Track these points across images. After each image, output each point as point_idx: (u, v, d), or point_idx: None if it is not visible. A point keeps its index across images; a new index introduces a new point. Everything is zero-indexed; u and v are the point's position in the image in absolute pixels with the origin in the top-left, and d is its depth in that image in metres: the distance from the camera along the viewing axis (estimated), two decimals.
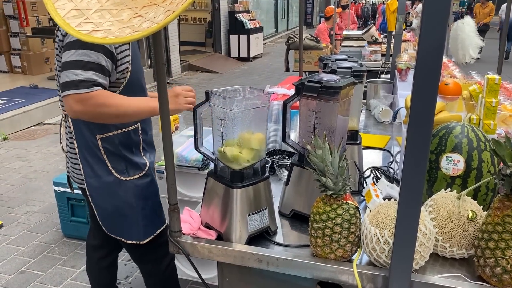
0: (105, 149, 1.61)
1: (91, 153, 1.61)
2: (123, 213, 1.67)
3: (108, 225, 1.70)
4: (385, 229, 1.09)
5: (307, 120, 1.32)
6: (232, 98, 1.19)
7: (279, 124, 2.01)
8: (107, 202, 1.66)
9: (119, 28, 0.83)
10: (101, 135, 1.59)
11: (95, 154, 1.61)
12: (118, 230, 1.71)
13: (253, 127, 1.24)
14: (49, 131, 5.63)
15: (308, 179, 1.35)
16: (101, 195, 1.65)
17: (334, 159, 1.13)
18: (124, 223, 1.69)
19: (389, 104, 2.66)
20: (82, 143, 1.62)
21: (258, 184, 1.26)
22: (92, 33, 0.82)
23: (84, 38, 0.80)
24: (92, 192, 1.65)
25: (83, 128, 1.60)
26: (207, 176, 1.33)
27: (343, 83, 1.28)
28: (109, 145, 1.61)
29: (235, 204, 1.23)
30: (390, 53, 4.01)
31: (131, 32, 0.81)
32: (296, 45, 5.96)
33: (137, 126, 1.67)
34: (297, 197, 1.39)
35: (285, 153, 1.92)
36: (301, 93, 1.30)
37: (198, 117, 1.28)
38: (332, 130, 1.30)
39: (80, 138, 1.62)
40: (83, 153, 1.63)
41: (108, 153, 1.61)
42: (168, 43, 8.67)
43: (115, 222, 1.69)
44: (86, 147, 1.61)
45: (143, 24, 0.82)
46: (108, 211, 1.67)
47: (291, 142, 1.38)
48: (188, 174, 2.34)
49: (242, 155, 1.23)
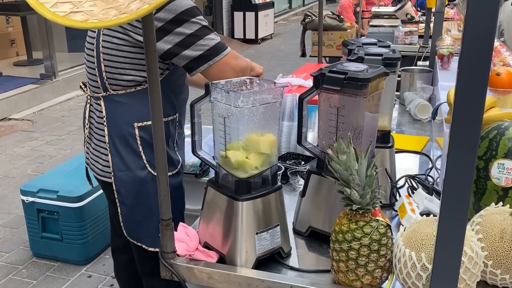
0: (142, 140, 1.69)
1: (124, 142, 1.69)
2: (151, 213, 1.74)
3: (131, 226, 1.77)
4: (422, 252, 1.09)
5: (328, 118, 1.33)
6: (237, 92, 1.20)
7: (293, 123, 2.02)
8: (136, 199, 1.73)
9: (103, 9, 0.84)
10: (140, 123, 1.67)
11: (129, 145, 1.69)
12: (140, 233, 1.78)
13: (263, 127, 1.25)
14: (15, 128, 5.70)
15: (329, 190, 1.35)
16: (130, 192, 1.72)
17: (361, 166, 1.13)
18: (150, 226, 1.76)
19: (427, 98, 2.66)
20: (115, 130, 1.69)
21: (268, 196, 1.27)
22: (71, 15, 0.84)
23: (61, 21, 0.82)
24: (119, 187, 1.72)
25: (119, 114, 1.68)
26: (206, 185, 1.34)
27: (372, 73, 1.28)
28: (147, 135, 1.69)
29: (240, 220, 1.24)
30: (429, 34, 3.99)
31: (117, 14, 0.82)
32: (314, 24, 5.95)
33: (175, 117, 1.77)
34: (315, 211, 1.39)
35: (301, 158, 1.93)
36: (321, 85, 1.31)
37: (196, 114, 1.29)
38: (359, 130, 1.30)
39: (113, 125, 1.70)
40: (114, 143, 1.70)
41: (144, 144, 1.69)
42: None
43: (138, 223, 1.77)
44: (119, 135, 1.69)
45: (131, 5, 0.83)
46: (134, 210, 1.74)
47: (308, 145, 1.39)
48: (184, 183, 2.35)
49: (249, 160, 1.24)
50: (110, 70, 1.64)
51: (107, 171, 1.74)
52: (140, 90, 1.66)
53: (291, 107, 2.07)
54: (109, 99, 1.68)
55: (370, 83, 1.26)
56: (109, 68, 1.64)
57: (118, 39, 1.61)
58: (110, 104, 1.68)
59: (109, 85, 1.66)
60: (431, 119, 2.45)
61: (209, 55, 1.61)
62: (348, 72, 1.27)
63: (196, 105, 1.28)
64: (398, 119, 2.55)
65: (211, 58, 1.61)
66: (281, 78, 2.61)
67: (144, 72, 1.63)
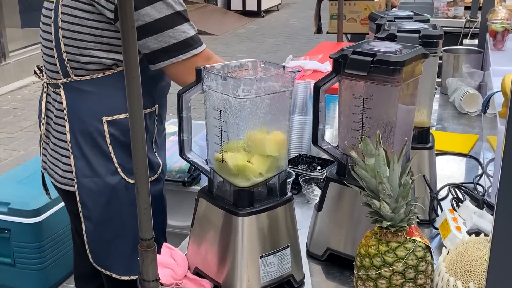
0: (112, 138, 1.69)
1: (90, 141, 1.69)
2: (124, 231, 1.74)
3: (98, 249, 1.77)
4: (470, 281, 1.09)
5: (352, 111, 1.33)
6: (236, 79, 1.20)
7: (307, 117, 2.02)
8: (105, 213, 1.73)
9: None
10: (109, 117, 1.67)
11: (96, 144, 1.69)
12: (110, 258, 1.77)
13: (269, 123, 1.25)
14: None
15: (352, 202, 1.35)
16: (98, 203, 1.72)
17: (393, 173, 1.13)
18: (122, 248, 1.75)
19: (476, 86, 2.66)
20: (78, 126, 1.69)
21: (276, 210, 1.28)
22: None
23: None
24: (84, 198, 1.72)
25: (83, 106, 1.68)
26: (197, 196, 1.34)
27: (407, 55, 1.28)
28: (118, 131, 1.68)
29: (240, 240, 1.24)
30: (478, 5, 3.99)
31: None
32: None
33: (154, 109, 1.77)
34: (335, 230, 1.39)
35: (317, 162, 1.93)
36: (342, 70, 1.31)
37: (185, 106, 1.29)
38: (390, 127, 1.30)
39: (75, 120, 1.69)
40: (77, 142, 1.69)
41: (115, 143, 1.69)
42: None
43: (108, 245, 1.76)
44: (83, 133, 1.69)
45: None
46: (103, 227, 1.74)
47: (326, 146, 1.39)
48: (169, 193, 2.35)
49: (252, 165, 1.24)
50: (72, 51, 1.64)
51: (68, 177, 1.74)
52: (109, 75, 1.66)
53: (304, 98, 2.07)
54: (71, 87, 1.68)
55: (404, 67, 1.26)
56: (71, 48, 1.64)
57: (81, 11, 1.61)
58: (71, 93, 1.68)
59: (71, 69, 1.66)
60: (481, 112, 2.44)
61: (174, 50, 1.61)
62: (377, 54, 1.27)
63: (184, 95, 1.28)
64: (440, 112, 2.55)
65: (175, 54, 1.62)
66: (291, 61, 2.62)
67: (114, 54, 1.63)
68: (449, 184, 1.66)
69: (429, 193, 1.58)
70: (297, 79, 2.28)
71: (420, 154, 1.58)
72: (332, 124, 2.05)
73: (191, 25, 1.65)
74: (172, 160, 2.41)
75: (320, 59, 2.66)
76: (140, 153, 1.17)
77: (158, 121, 1.82)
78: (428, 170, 1.60)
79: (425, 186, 1.57)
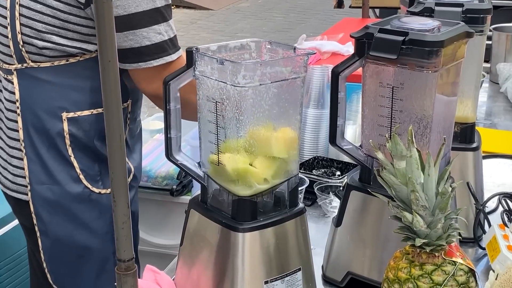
0: (72, 138, 1.69)
1: (47, 142, 1.69)
2: (89, 252, 1.75)
3: (58, 270, 1.77)
4: None
5: (378, 103, 1.33)
6: (236, 63, 1.20)
7: (324, 111, 2.03)
8: (64, 228, 1.73)
9: None
10: (70, 114, 1.68)
11: (54, 145, 1.69)
12: (73, 282, 1.78)
13: (276, 117, 1.26)
14: None
15: (378, 215, 1.36)
16: (55, 216, 1.72)
17: (428, 179, 1.14)
18: (87, 272, 1.76)
19: None
20: (34, 122, 1.69)
21: (284, 224, 1.28)
22: None
23: None
24: (39, 209, 1.72)
25: (39, 98, 1.68)
26: (188, 207, 1.35)
27: (447, 34, 1.28)
28: (80, 131, 1.69)
29: (240, 261, 1.24)
30: None
31: None
32: None
33: (127, 105, 1.78)
34: (357, 249, 1.40)
35: (336, 165, 1.93)
36: (366, 52, 1.31)
37: (173, 97, 1.30)
38: (426, 123, 1.30)
39: (30, 115, 1.69)
40: (32, 141, 1.70)
41: (76, 145, 1.70)
42: None
43: (68, 267, 1.77)
44: (39, 130, 1.69)
45: None
46: (62, 245, 1.74)
47: (346, 146, 1.39)
48: (152, 203, 2.37)
49: (255, 169, 1.25)
50: (29, 32, 1.64)
51: (20, 183, 1.74)
52: (74, 63, 1.66)
53: (320, 87, 2.08)
54: (26, 75, 1.68)
55: (443, 48, 1.26)
56: (28, 30, 1.64)
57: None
58: (26, 81, 1.68)
59: (26, 54, 1.66)
60: None
61: (144, 54, 1.62)
62: (409, 32, 1.28)
63: (172, 82, 1.28)
64: (488, 105, 2.55)
65: (145, 59, 1.63)
66: (304, 41, 2.62)
67: (81, 43, 1.64)
68: (500, 194, 1.66)
69: (474, 204, 1.58)
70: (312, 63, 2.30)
71: (463, 156, 1.58)
72: (354, 120, 2.06)
73: (170, 26, 1.66)
74: (158, 163, 2.42)
75: (340, 39, 2.67)
76: (118, 154, 1.18)
77: (131, 120, 1.82)
78: (473, 176, 1.60)
79: (469, 196, 1.58)
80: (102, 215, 1.74)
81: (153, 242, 2.39)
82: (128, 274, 1.24)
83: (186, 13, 9.60)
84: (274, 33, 8.58)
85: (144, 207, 2.36)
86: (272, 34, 8.51)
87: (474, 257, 1.54)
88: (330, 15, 8.21)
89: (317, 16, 9.19)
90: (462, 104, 1.59)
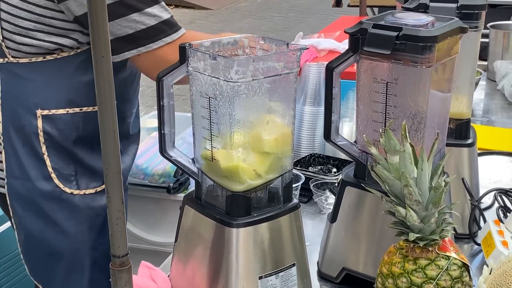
0: (46, 136, 1.68)
1: (22, 137, 1.70)
2: (59, 254, 1.74)
3: (32, 262, 1.78)
4: None
5: (372, 99, 1.33)
6: (229, 58, 1.21)
7: (320, 108, 2.02)
8: (35, 224, 1.73)
9: None
10: (45, 111, 1.67)
11: (29, 141, 1.69)
12: (43, 273, 1.79)
13: (269, 112, 1.26)
14: None
15: (373, 211, 1.36)
16: (27, 211, 1.73)
17: (422, 174, 1.14)
18: (58, 269, 1.76)
19: None
20: (12, 117, 1.70)
21: (279, 220, 1.28)
22: None
23: None
24: (14, 202, 1.74)
25: (18, 94, 1.68)
26: (182, 203, 1.35)
27: (441, 29, 1.28)
28: (54, 129, 1.68)
29: (235, 257, 1.24)
30: None
31: None
32: None
33: None
34: (352, 244, 1.40)
35: (332, 162, 1.93)
36: (360, 48, 1.31)
37: (166, 93, 1.30)
38: (419, 118, 1.31)
39: (9, 109, 1.70)
40: (9, 135, 1.71)
41: (50, 143, 1.69)
42: None
43: (43, 262, 1.77)
44: (16, 126, 1.70)
45: None
46: (34, 240, 1.75)
47: (341, 141, 1.39)
48: (149, 201, 2.37)
49: (248, 164, 1.25)
50: (9, 28, 1.64)
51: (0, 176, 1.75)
52: (51, 61, 1.65)
53: (316, 84, 2.08)
54: (7, 70, 1.69)
55: (437, 44, 1.26)
56: (8, 25, 1.64)
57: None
58: (8, 76, 1.69)
59: (7, 49, 1.66)
60: None
61: (141, 38, 1.61)
62: (403, 27, 1.28)
63: (165, 79, 1.29)
64: (485, 102, 2.55)
65: (144, 43, 1.61)
66: (301, 39, 2.62)
67: (56, 37, 1.63)
68: (495, 190, 1.66)
69: (469, 200, 1.58)
70: (309, 61, 2.29)
71: (458, 152, 1.58)
72: (351, 117, 2.05)
73: (163, 7, 1.64)
74: (155, 161, 2.42)
75: (337, 37, 2.66)
76: (111, 150, 1.18)
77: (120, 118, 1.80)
78: (468, 172, 1.60)
79: (464, 192, 1.57)
80: (74, 216, 1.73)
81: (150, 240, 2.39)
82: (122, 270, 1.23)
83: (185, 13, 9.60)
84: (273, 32, 8.58)
85: (141, 205, 2.36)
86: (271, 33, 8.50)
87: (470, 253, 1.54)
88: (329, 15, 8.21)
89: (316, 16, 9.19)
90: (457, 100, 1.59)
